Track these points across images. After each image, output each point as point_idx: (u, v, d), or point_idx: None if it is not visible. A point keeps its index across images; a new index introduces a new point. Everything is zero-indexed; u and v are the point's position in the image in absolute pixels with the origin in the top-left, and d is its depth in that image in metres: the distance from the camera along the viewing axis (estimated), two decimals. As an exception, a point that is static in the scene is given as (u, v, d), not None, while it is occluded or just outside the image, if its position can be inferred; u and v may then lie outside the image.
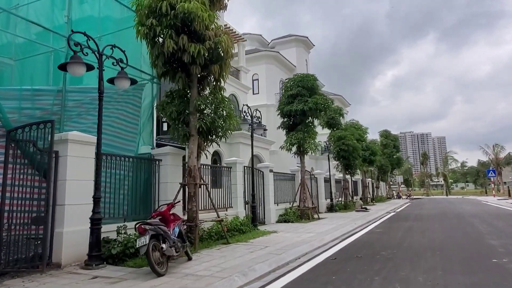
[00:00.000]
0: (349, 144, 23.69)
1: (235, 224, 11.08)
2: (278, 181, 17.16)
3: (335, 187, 25.57)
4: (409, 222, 15.49)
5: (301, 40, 36.22)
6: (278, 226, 13.97)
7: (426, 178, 69.47)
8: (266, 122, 30.28)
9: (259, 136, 23.08)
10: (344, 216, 18.36)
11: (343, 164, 25.04)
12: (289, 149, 17.10)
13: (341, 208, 23.24)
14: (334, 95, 47.56)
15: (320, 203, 22.06)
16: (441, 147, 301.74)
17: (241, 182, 12.96)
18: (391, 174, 50.59)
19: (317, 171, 22.94)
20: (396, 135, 48.53)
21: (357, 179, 34.33)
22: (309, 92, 16.91)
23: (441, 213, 20.70)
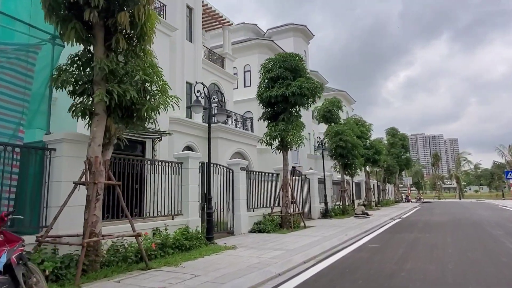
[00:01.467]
0: (347, 141, 20.69)
1: (176, 239, 8.26)
2: (258, 182, 14.29)
3: (332, 189, 22.55)
4: (414, 233, 12.46)
5: (299, 29, 33.31)
6: (246, 238, 11.10)
7: (438, 180, 65.71)
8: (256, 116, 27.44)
9: (243, 130, 20.23)
10: (337, 224, 15.39)
11: (341, 164, 22.03)
12: (269, 143, 14.22)
13: (338, 214, 20.23)
14: (338, 90, 44.66)
15: (313, 208, 19.11)
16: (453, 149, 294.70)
17: (195, 182, 10.12)
18: (399, 176, 47.20)
19: (310, 170, 19.98)
20: (404, 134, 45.17)
21: (360, 180, 31.23)
22: (293, 75, 14.03)
23: (454, 220, 17.57)
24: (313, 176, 19.43)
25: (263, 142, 14.35)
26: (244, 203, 12.45)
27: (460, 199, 58.25)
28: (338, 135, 20.89)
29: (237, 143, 19.31)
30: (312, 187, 19.30)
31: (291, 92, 13.39)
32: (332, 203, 21.79)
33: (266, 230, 12.36)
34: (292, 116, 14.08)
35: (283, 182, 14.14)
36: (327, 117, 22.25)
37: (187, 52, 17.72)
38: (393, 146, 39.71)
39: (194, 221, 9.75)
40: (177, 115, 16.18)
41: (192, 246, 8.61)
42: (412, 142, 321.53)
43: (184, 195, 9.85)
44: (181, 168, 10.01)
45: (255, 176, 14.14)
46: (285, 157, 14.41)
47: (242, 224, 12.15)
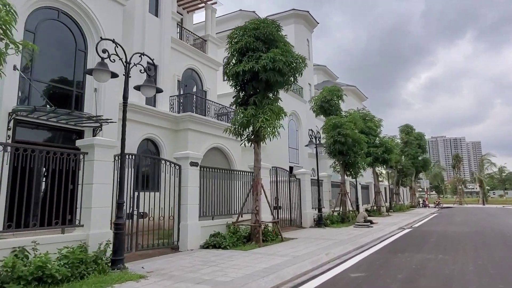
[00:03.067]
0: (347, 135, 17.45)
1: (45, 267, 5.36)
2: (222, 183, 11.32)
3: (331, 192, 19.31)
4: (422, 252, 9.20)
5: (301, 16, 30.20)
6: (185, 257, 8.13)
7: (459, 184, 61.07)
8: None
9: (220, 122, 17.22)
10: (327, 236, 12.24)
11: (341, 163, 18.78)
12: (237, 133, 11.23)
13: (336, 222, 17.00)
14: (347, 85, 41.27)
15: (304, 215, 15.96)
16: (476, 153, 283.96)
17: (105, 179, 7.21)
18: (416, 179, 43.26)
19: (300, 170, 16.82)
20: (421, 133, 41.25)
21: (368, 183, 27.81)
22: (266, 46, 11.01)
23: (478, 232, 14.11)
24: (304, 176, 16.28)
25: (230, 131, 11.35)
26: (194, 209, 9.46)
27: (484, 204, 53.57)
28: (337, 128, 17.68)
29: (214, 137, 16.35)
30: (303, 190, 16.17)
31: (261, 67, 10.37)
32: (330, 208, 18.56)
33: (222, 246, 9.34)
34: (265, 99, 11.03)
35: (254, 183, 11.09)
36: (325, 108, 19.07)
37: (149, 27, 14.90)
38: (407, 145, 35.96)
39: (99, 235, 6.82)
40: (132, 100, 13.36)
41: (76, 276, 5.71)
42: (433, 145, 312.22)
43: (85, 199, 6.95)
44: (84, 160, 7.12)
45: (217, 174, 11.15)
46: (256, 151, 11.38)
47: (190, 238, 9.17)
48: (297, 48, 30.02)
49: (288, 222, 15.31)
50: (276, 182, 14.80)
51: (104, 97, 11.90)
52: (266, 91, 11.34)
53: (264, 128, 10.46)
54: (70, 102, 11.58)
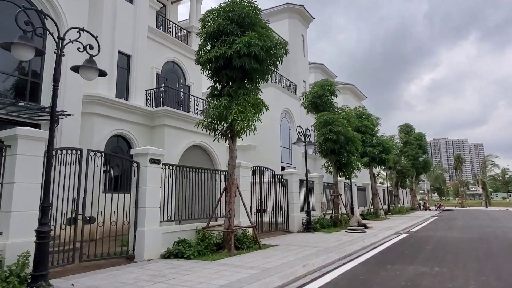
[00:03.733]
0: (339, 132, 16.22)
1: None
2: (195, 183, 10.11)
3: (323, 194, 18.06)
4: (415, 264, 7.94)
5: (295, 10, 28.98)
6: (134, 270, 6.92)
7: (461, 186, 59.63)
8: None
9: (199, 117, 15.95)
10: (311, 243, 11.00)
11: (333, 162, 17.54)
12: (210, 127, 10.02)
13: (327, 226, 15.75)
14: (345, 84, 40.07)
15: (291, 219, 14.72)
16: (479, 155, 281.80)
17: (31, 179, 6.00)
18: (416, 181, 41.90)
19: (288, 170, 15.57)
20: (421, 133, 39.95)
21: (365, 184, 26.54)
22: (242, 29, 9.81)
23: (481, 238, 12.83)
24: (291, 176, 15.05)
25: (203, 126, 10.14)
26: (153, 213, 8.24)
27: (487, 207, 52.11)
28: (328, 125, 16.45)
29: (194, 134, 15.14)
30: (291, 191, 14.94)
31: (234, 52, 9.17)
32: (322, 212, 17.32)
33: (187, 255, 8.12)
34: (240, 89, 9.82)
35: (228, 183, 9.87)
36: (317, 104, 17.83)
37: (121, 14, 13.71)
38: (407, 145, 34.64)
39: (20, 246, 5.62)
40: (99, 92, 12.19)
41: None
42: (435, 147, 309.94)
43: (4, 201, 5.75)
44: (4, 155, 5.93)
45: (190, 174, 9.94)
46: (231, 147, 10.16)
47: (147, 246, 7.95)
48: (292, 44, 28.82)
49: (274, 226, 14.08)
50: (260, 183, 13.60)
51: (64, 89, 10.70)
52: (243, 80, 10.14)
53: (238, 121, 9.24)
54: (25, 93, 10.40)
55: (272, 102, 22.91)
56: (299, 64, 28.47)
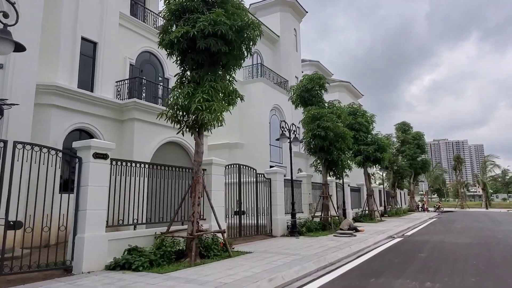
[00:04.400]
0: (328, 128, 15.01)
1: None
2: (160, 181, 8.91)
3: (311, 195, 16.84)
4: (404, 278, 6.73)
5: (287, 3, 27.81)
6: (59, 287, 5.71)
7: (461, 187, 58.35)
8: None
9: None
10: (288, 250, 9.80)
11: (322, 161, 16.33)
12: (174, 119, 8.82)
13: (315, 229, 14.55)
14: (340, 81, 38.92)
15: (275, 222, 13.51)
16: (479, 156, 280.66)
17: None
18: (415, 182, 40.68)
19: (271, 168, 14.33)
20: (420, 132, 38.74)
21: (360, 185, 25.34)
22: (209, 7, 8.61)
23: (481, 244, 11.62)
24: (275, 176, 13.84)
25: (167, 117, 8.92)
26: (97, 216, 7.02)
27: (487, 208, 50.88)
28: (316, 120, 15.24)
29: (170, 130, 13.88)
30: (275, 192, 13.73)
31: (198, 31, 7.97)
32: (310, 214, 16.11)
33: (135, 266, 6.90)
34: (208, 75, 8.62)
35: (193, 182, 8.65)
36: (305, 98, 16.62)
37: (86, -3, 12.50)
38: (404, 143, 33.42)
39: None
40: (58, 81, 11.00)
41: None
42: (435, 148, 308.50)
43: None
44: None
45: (151, 172, 8.73)
46: (197, 141, 8.93)
47: (87, 255, 6.73)
48: (283, 38, 27.68)
49: (254, 230, 12.87)
50: (239, 182, 12.40)
51: (12, 75, 9.50)
52: (213, 66, 8.93)
53: (202, 111, 8.03)
54: (-35, 80, 9.20)
55: (261, 97, 21.78)
56: (291, 59, 27.29)
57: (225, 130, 21.95)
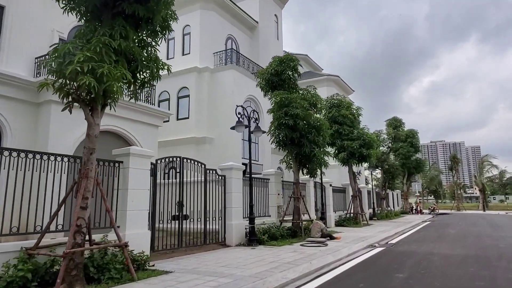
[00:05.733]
0: (297, 116, 12.64)
1: None
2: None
3: (280, 196, 14.45)
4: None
5: (266, -14, 25.49)
6: None
7: (458, 188, 56.11)
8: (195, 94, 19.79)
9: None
10: (222, 269, 7.42)
11: (293, 155, 13.95)
12: (62, 91, 6.41)
13: (281, 236, 12.16)
14: (328, 75, 36.59)
15: (229, 228, 11.13)
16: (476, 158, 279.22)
17: None
18: (408, 182, 38.39)
19: (226, 163, 11.88)
20: (413, 130, 36.47)
21: (345, 185, 22.99)
22: None
23: (478, 257, 9.26)
24: (231, 172, 11.45)
25: (53, 89, 6.49)
26: None
27: (484, 210, 48.61)
28: (283, 107, 12.87)
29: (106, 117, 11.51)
30: (229, 192, 11.33)
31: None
32: (278, 217, 13.73)
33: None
34: (101, 28, 6.23)
35: (79, 177, 6.23)
36: (275, 84, 14.25)
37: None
38: (395, 140, 31.12)
39: None
40: None
41: None
42: (432, 150, 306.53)
43: None
44: None
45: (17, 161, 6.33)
46: (88, 120, 6.52)
47: None
48: (263, 24, 25.30)
49: (201, 238, 10.47)
50: (181, 179, 10.01)
51: None
52: (119, 18, 6.54)
53: (83, 75, 5.63)
54: None
55: (232, 87, 19.44)
56: (271, 47, 24.92)
57: (192, 123, 19.61)
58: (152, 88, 13.96)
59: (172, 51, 21.57)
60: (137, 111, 12.77)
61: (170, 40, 21.73)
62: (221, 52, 20.78)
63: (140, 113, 12.91)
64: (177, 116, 20.24)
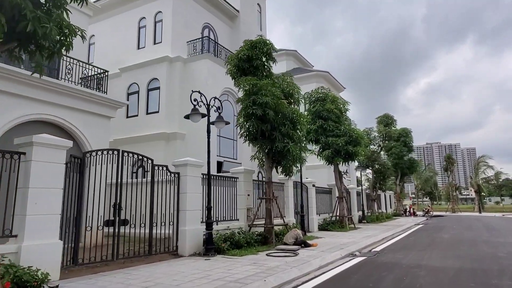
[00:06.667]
0: (266, 105, 10.98)
1: None
2: None
3: (250, 198, 12.78)
4: None
5: (248, -28, 23.88)
6: None
7: (453, 189, 54.69)
8: (166, 86, 18.14)
9: (50, 79, 10.61)
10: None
11: (265, 151, 12.29)
12: None
13: (247, 244, 10.48)
14: (318, 71, 35.04)
15: (182, 235, 9.46)
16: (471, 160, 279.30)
17: None
18: (401, 183, 36.89)
19: (181, 159, 10.16)
20: (407, 129, 34.97)
21: (332, 185, 21.37)
22: None
23: (476, 272, 7.64)
24: (185, 169, 9.77)
25: None
26: None
27: (480, 212, 47.19)
28: (252, 95, 11.21)
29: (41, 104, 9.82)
30: (183, 192, 9.64)
31: None
32: (247, 222, 12.06)
33: None
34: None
35: None
36: (246, 70, 12.58)
37: None
38: (388, 139, 29.58)
39: None
40: None
41: None
42: (428, 152, 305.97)
43: None
44: None
45: None
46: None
47: None
48: (244, 14, 23.65)
49: (146, 247, 8.78)
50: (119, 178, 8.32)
51: None
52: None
53: None
54: None
55: (206, 78, 17.78)
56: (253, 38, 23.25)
57: (162, 118, 17.91)
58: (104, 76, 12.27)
59: (143, 40, 19.88)
60: (83, 99, 11.06)
61: (141, 28, 20.07)
62: (195, 40, 19.11)
63: (87, 102, 11.21)
64: (146, 110, 18.56)
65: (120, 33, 20.70)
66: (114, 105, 12.06)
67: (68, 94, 10.55)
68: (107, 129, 11.87)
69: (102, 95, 11.50)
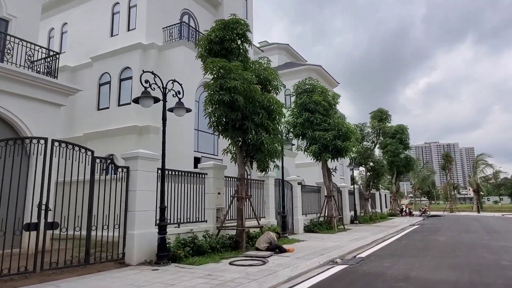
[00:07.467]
0: (235, 90, 9.55)
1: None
2: None
3: (222, 196, 11.34)
4: None
5: (233, -42, 22.41)
6: None
7: (451, 188, 53.32)
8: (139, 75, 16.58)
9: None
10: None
11: (238, 144, 10.87)
12: None
13: (211, 249, 9.08)
14: (309, 65, 33.72)
15: (130, 240, 8.03)
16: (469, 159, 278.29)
17: None
18: (396, 182, 35.53)
19: (130, 152, 8.74)
20: (403, 125, 33.63)
21: (320, 183, 19.97)
22: None
23: (474, 284, 6.24)
24: (136, 163, 8.34)
25: None
26: None
27: (479, 212, 45.85)
28: (219, 78, 9.79)
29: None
30: (132, 190, 8.21)
31: None
32: (216, 224, 10.64)
33: None
34: None
35: None
36: (217, 54, 11.13)
37: None
38: (383, 135, 28.17)
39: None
40: None
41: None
42: (426, 151, 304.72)
43: None
44: None
45: None
46: None
47: None
48: (227, 4, 22.31)
49: (81, 256, 7.35)
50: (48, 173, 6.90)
51: None
52: None
53: None
54: None
55: (183, 67, 16.36)
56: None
57: (134, 110, 16.48)
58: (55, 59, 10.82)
59: (116, 27, 18.44)
60: (25, 83, 9.61)
61: (115, 14, 18.61)
62: (171, 26, 17.66)
63: (30, 87, 9.75)
64: (118, 102, 17.12)
65: (93, 21, 19.27)
66: (65, 91, 10.58)
67: (5, 77, 9.11)
68: (56, 119, 10.40)
69: (48, 78, 10.02)
